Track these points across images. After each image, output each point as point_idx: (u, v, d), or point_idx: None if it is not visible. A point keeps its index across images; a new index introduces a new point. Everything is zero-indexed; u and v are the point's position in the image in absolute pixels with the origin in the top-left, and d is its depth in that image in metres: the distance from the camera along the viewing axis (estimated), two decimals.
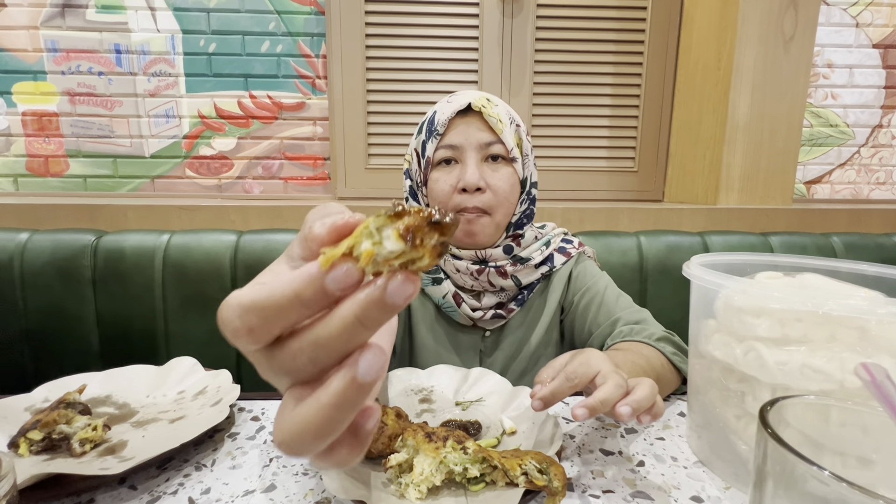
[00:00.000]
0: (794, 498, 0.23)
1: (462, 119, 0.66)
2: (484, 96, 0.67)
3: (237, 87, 1.43)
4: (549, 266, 0.74)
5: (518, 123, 0.70)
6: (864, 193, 1.63)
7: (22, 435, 0.45)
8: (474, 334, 0.74)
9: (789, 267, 0.51)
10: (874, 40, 1.53)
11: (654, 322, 0.70)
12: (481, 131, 0.66)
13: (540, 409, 0.42)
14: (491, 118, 0.65)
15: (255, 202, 1.34)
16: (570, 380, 0.42)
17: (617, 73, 1.46)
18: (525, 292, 0.73)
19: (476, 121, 0.66)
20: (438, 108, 0.69)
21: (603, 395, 0.39)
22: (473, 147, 0.66)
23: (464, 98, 0.66)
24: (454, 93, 0.70)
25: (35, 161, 1.44)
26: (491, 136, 0.66)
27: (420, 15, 1.39)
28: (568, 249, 0.77)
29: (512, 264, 0.70)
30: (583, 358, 0.44)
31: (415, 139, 0.71)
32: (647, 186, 1.53)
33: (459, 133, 0.66)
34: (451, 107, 0.66)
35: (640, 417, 0.40)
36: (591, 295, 0.74)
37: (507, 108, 0.69)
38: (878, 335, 0.37)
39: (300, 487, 0.42)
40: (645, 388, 0.41)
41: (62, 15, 1.37)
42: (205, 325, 1.08)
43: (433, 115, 0.69)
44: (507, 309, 0.72)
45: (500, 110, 0.67)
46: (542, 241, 0.75)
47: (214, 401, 0.55)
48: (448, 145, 0.67)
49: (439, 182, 0.68)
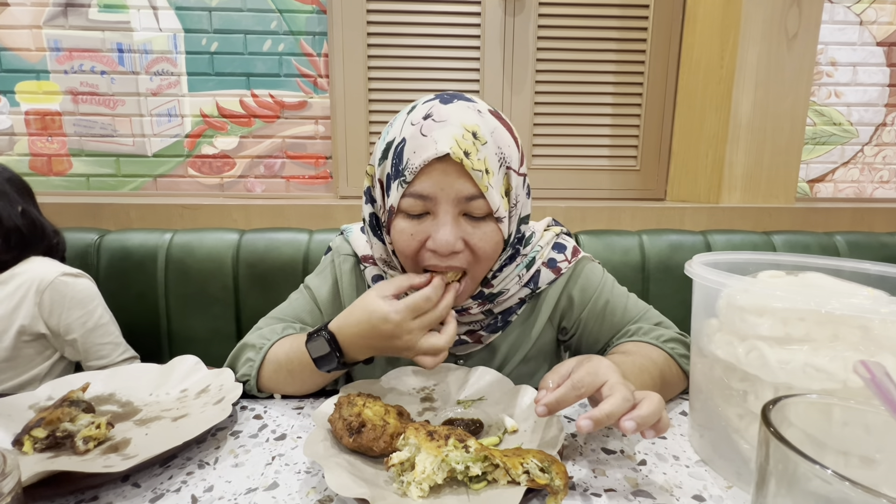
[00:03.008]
0: (796, 497, 0.23)
1: (439, 163, 0.50)
2: (469, 135, 0.50)
3: (239, 85, 1.43)
4: (533, 288, 0.63)
5: (509, 165, 0.54)
6: (867, 192, 1.62)
7: (26, 432, 0.46)
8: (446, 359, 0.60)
9: (792, 266, 0.51)
10: (878, 38, 1.52)
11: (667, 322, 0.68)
12: (461, 181, 0.50)
13: (544, 414, 0.42)
14: (475, 172, 0.50)
15: (257, 201, 1.34)
16: (576, 388, 0.42)
17: (619, 71, 1.46)
18: (500, 317, 0.64)
19: (455, 168, 0.50)
20: (408, 136, 0.51)
21: (609, 408, 0.38)
22: (450, 200, 0.51)
23: (443, 140, 0.49)
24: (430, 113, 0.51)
25: (38, 160, 1.44)
26: (473, 189, 0.51)
27: (422, 14, 1.39)
28: (558, 263, 0.65)
29: (479, 304, 0.61)
30: (591, 367, 0.43)
31: (378, 161, 0.56)
32: (650, 185, 1.53)
33: (433, 182, 0.51)
34: (426, 150, 0.50)
35: (644, 433, 0.40)
36: (602, 305, 0.67)
37: (497, 144, 0.53)
38: (881, 334, 0.37)
39: (302, 485, 0.43)
40: (652, 403, 0.40)
41: (65, 14, 1.38)
42: (207, 323, 1.08)
43: (401, 147, 0.52)
44: (476, 336, 0.64)
45: (488, 152, 0.51)
46: (522, 266, 0.62)
47: (217, 399, 0.55)
48: (418, 194, 0.51)
49: (404, 234, 0.53)
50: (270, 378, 0.60)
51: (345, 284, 0.69)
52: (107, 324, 0.96)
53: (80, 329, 0.92)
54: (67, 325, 0.91)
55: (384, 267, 0.63)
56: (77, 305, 0.92)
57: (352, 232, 0.71)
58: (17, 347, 0.89)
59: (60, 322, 0.91)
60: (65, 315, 0.91)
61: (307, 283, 0.72)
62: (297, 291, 0.73)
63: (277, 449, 0.48)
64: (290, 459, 0.47)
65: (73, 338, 0.92)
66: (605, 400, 0.39)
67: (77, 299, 0.92)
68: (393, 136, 0.54)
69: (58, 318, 0.91)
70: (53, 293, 0.90)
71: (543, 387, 0.44)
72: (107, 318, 0.96)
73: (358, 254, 0.68)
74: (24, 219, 0.93)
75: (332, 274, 0.71)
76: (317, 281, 0.72)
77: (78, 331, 0.92)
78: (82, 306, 0.92)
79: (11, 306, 0.88)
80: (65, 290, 0.91)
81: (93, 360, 0.94)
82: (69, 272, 0.93)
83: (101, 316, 0.95)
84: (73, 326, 0.91)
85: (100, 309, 0.95)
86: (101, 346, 0.94)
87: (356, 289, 0.69)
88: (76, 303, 0.92)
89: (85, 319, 0.92)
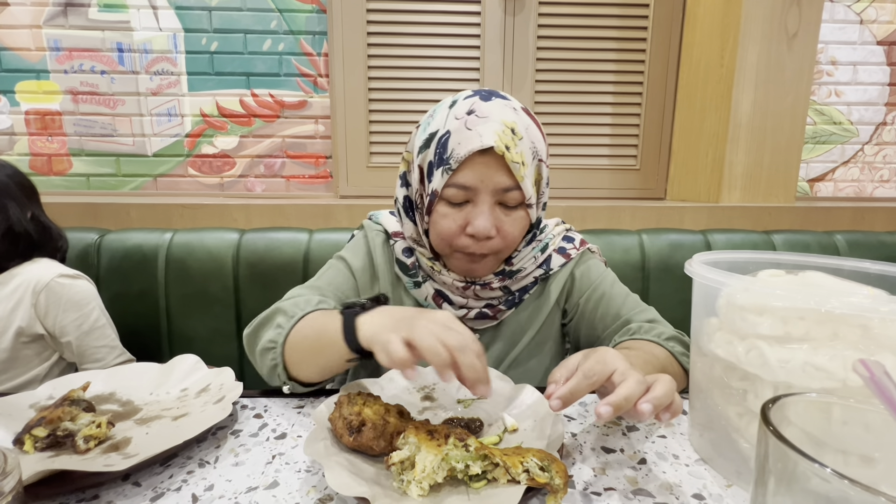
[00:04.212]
0: (796, 495, 0.23)
1: (481, 157, 0.57)
2: (508, 130, 0.58)
3: (239, 85, 1.43)
4: (546, 269, 0.71)
5: (541, 158, 0.62)
6: (867, 191, 1.62)
7: (27, 432, 0.46)
8: None
9: (792, 265, 0.51)
10: (878, 37, 1.52)
11: (664, 321, 0.69)
12: (500, 174, 0.58)
13: (559, 408, 0.41)
14: (514, 164, 0.57)
15: (257, 200, 1.34)
16: (587, 378, 0.41)
17: (619, 70, 1.46)
18: (517, 294, 0.70)
19: (496, 160, 0.57)
20: (453, 129, 0.58)
21: (626, 391, 0.38)
22: (489, 191, 0.59)
23: (487, 134, 0.56)
24: (473, 110, 0.59)
25: (38, 160, 1.45)
26: (510, 180, 0.58)
27: (422, 13, 1.39)
28: (568, 250, 0.73)
29: (500, 279, 0.67)
30: (598, 356, 0.43)
31: (419, 149, 0.63)
32: (650, 184, 1.53)
33: (476, 173, 0.58)
34: (471, 142, 0.57)
35: (660, 415, 0.39)
36: (599, 295, 0.71)
37: (531, 139, 0.60)
38: (881, 333, 0.37)
39: (302, 484, 0.43)
40: (665, 384, 0.40)
41: (65, 14, 1.38)
42: (207, 322, 1.08)
43: (446, 138, 0.59)
44: (495, 310, 0.69)
45: (524, 147, 0.59)
46: (538, 248, 0.70)
47: (217, 398, 0.55)
48: (461, 185, 0.59)
49: (447, 219, 0.61)
50: (294, 348, 0.56)
51: (377, 255, 0.73)
52: (103, 326, 0.95)
53: (75, 331, 0.91)
54: (62, 326, 0.91)
55: (413, 245, 0.69)
56: (73, 307, 0.91)
57: (381, 215, 0.77)
58: (15, 348, 0.89)
59: (56, 324, 0.90)
60: (60, 317, 0.90)
61: (341, 255, 0.74)
62: (329, 266, 0.73)
63: (278, 448, 0.49)
64: (291, 458, 0.47)
65: (67, 340, 0.91)
66: (620, 385, 0.39)
67: (73, 301, 0.91)
68: (436, 127, 0.61)
69: (53, 319, 0.90)
70: (49, 294, 0.89)
71: (552, 381, 0.44)
72: (103, 320, 0.95)
73: (388, 231, 0.73)
74: (34, 224, 0.93)
75: (365, 245, 0.74)
76: (349, 253, 0.74)
77: (73, 333, 0.91)
78: (78, 308, 0.92)
79: (9, 307, 0.88)
80: (61, 292, 0.90)
81: (88, 362, 0.93)
82: (66, 273, 0.93)
83: (98, 319, 0.94)
84: (67, 328, 0.91)
85: (96, 311, 0.94)
86: (96, 349, 0.93)
87: (388, 261, 0.73)
88: (72, 305, 0.91)
89: (80, 322, 0.92)
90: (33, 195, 0.97)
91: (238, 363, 1.09)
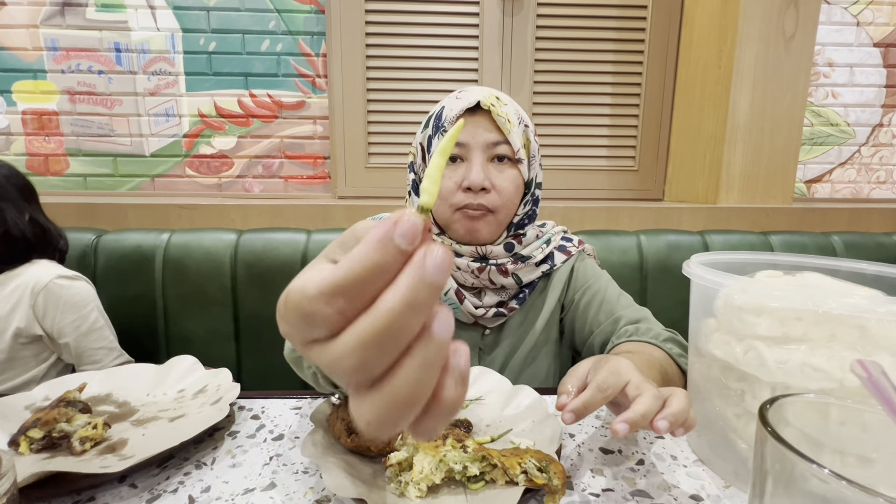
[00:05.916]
0: (793, 496, 0.23)
1: (470, 117, 0.65)
2: (493, 94, 0.66)
3: (237, 85, 1.43)
4: (550, 264, 0.74)
5: (526, 124, 0.69)
6: (864, 192, 1.63)
7: (22, 433, 0.45)
8: (474, 332, 0.74)
9: (789, 266, 0.51)
10: (875, 39, 1.53)
11: (656, 321, 0.70)
12: (489, 131, 0.65)
13: (572, 421, 0.40)
14: (499, 118, 0.64)
15: (256, 201, 1.34)
16: (602, 390, 0.40)
17: (617, 71, 1.46)
18: (526, 290, 0.73)
19: (484, 120, 0.65)
20: (446, 103, 0.68)
21: (643, 408, 0.37)
22: (480, 146, 0.65)
23: (473, 95, 0.65)
24: (463, 89, 0.69)
25: (35, 160, 1.44)
26: (498, 135, 0.65)
27: (420, 14, 1.39)
28: (568, 248, 0.77)
29: (513, 262, 0.70)
30: (611, 367, 0.42)
31: (420, 133, 0.71)
32: (648, 185, 1.53)
33: (466, 131, 0.65)
34: (460, 104, 0.65)
35: (675, 431, 0.38)
36: (593, 293, 0.74)
37: (517, 108, 0.69)
38: (878, 334, 0.37)
39: (300, 486, 0.42)
40: (680, 400, 0.39)
41: (62, 13, 1.37)
42: (205, 323, 1.08)
43: (441, 110, 0.68)
44: (508, 307, 0.72)
45: (509, 109, 0.66)
46: (543, 240, 0.75)
47: (214, 399, 0.55)
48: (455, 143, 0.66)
49: (444, 178, 0.67)
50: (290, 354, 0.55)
51: None
52: (101, 328, 0.94)
53: (73, 333, 0.91)
54: (60, 328, 0.90)
55: None
56: (71, 309, 0.91)
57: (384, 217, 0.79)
58: (13, 349, 0.89)
59: (54, 325, 0.90)
60: (58, 318, 0.90)
61: None
62: None
63: (275, 449, 0.48)
64: (288, 460, 0.47)
65: (65, 341, 0.91)
66: (636, 401, 0.38)
67: (71, 302, 0.91)
68: (434, 111, 0.70)
69: (51, 320, 0.90)
70: (48, 295, 0.89)
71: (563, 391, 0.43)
72: (101, 322, 0.95)
73: None
74: (32, 226, 0.93)
75: None
76: None
77: (71, 334, 0.91)
78: (76, 310, 0.91)
79: (8, 308, 0.88)
80: (59, 293, 0.90)
81: (86, 364, 0.93)
82: (65, 275, 0.92)
83: (96, 320, 0.94)
84: (65, 330, 0.91)
85: (94, 313, 0.94)
86: (94, 351, 0.93)
87: None
88: (70, 306, 0.91)
89: (78, 323, 0.91)
90: (32, 196, 0.97)
91: (235, 364, 1.09)
